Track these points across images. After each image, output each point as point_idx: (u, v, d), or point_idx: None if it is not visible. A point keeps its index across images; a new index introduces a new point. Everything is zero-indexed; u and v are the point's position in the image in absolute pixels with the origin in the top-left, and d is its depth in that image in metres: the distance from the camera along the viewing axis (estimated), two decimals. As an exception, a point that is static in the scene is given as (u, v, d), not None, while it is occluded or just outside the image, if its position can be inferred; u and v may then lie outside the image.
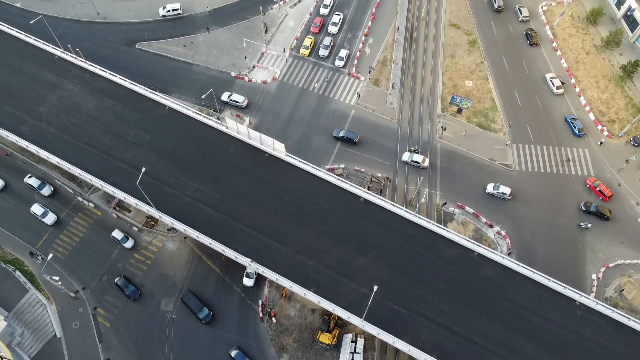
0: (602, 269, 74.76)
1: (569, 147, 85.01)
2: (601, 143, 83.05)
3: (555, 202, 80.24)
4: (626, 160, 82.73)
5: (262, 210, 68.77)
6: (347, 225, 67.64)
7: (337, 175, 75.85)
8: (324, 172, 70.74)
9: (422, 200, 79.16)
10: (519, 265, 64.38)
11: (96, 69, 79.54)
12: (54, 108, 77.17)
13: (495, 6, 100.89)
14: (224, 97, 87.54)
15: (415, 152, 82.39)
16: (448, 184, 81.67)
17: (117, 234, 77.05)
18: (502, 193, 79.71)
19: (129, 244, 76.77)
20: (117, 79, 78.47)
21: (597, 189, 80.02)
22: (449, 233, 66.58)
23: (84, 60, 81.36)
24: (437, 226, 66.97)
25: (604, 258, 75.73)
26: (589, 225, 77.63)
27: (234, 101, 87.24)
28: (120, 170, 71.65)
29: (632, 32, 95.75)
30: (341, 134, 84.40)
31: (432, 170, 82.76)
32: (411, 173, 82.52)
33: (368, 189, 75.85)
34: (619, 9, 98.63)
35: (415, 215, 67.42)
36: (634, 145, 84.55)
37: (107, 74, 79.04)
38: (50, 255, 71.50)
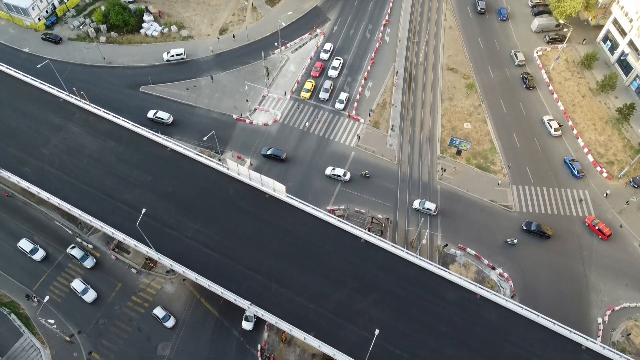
0: (608, 312, 73.42)
1: (569, 188, 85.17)
2: (607, 195, 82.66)
3: (557, 243, 79.66)
4: (627, 202, 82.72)
5: (262, 252, 68.27)
6: (348, 266, 66.99)
7: (338, 216, 75.73)
8: (325, 214, 70.64)
9: (424, 241, 78.70)
10: (522, 308, 63.32)
11: (100, 111, 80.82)
12: (56, 150, 77.92)
13: (479, 8, 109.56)
14: (150, 114, 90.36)
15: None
16: (449, 225, 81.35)
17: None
18: (428, 209, 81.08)
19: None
20: (120, 121, 79.62)
21: (597, 228, 79.84)
22: (451, 275, 65.84)
23: (88, 102, 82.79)
24: (438, 268, 66.29)
25: (608, 301, 74.53)
26: (515, 241, 78.46)
27: (159, 118, 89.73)
28: (120, 211, 71.61)
29: (626, 75, 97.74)
30: (269, 152, 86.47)
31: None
32: (412, 214, 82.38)
33: (369, 230, 75.52)
34: (612, 53, 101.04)
35: (417, 257, 66.85)
36: (633, 186, 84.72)
37: (110, 116, 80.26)
38: (47, 297, 70.43)
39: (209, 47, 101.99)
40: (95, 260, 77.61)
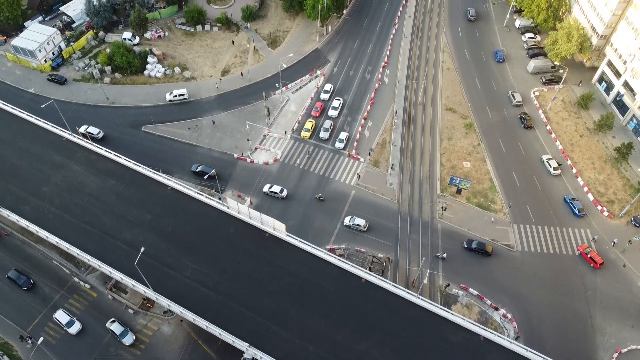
0: (615, 355, 71.65)
1: (570, 227, 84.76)
2: (614, 244, 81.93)
3: (561, 283, 78.66)
4: (629, 241, 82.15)
5: (261, 292, 67.26)
6: (349, 307, 65.84)
7: (338, 255, 74.99)
8: (325, 253, 70.02)
9: (425, 281, 77.68)
10: (527, 350, 61.79)
11: (101, 150, 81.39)
12: (57, 188, 78.02)
13: (469, 16, 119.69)
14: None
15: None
16: (451, 264, 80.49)
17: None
18: (357, 225, 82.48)
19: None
20: (122, 159, 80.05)
21: (588, 256, 79.99)
22: (454, 316, 64.61)
23: (89, 142, 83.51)
24: (440, 309, 65.14)
25: (615, 343, 72.87)
26: (445, 256, 79.65)
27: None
28: (119, 250, 71.02)
29: (622, 116, 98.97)
30: (199, 169, 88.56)
31: (434, 250, 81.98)
32: (413, 253, 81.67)
33: (369, 269, 74.64)
34: (608, 94, 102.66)
35: (419, 297, 65.80)
36: (635, 225, 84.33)
37: (112, 155, 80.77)
38: (41, 339, 68.89)
39: (215, 83, 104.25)
40: (134, 337, 73.49)
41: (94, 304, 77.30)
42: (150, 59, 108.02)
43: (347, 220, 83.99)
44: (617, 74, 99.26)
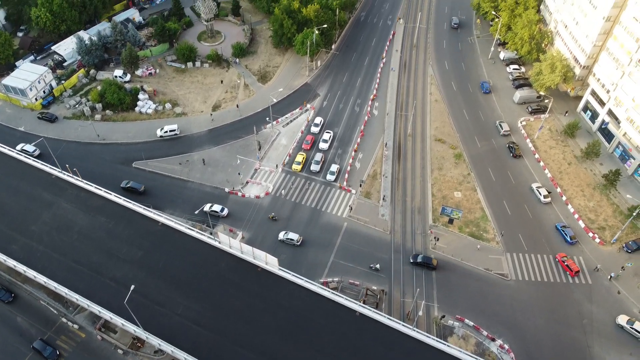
0: (615, 384, 70.62)
1: (563, 254, 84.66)
2: (611, 278, 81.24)
3: (557, 312, 77.99)
4: (622, 267, 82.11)
5: (254, 327, 66.00)
6: (343, 341, 64.67)
7: (332, 289, 74.14)
8: (318, 286, 69.22)
9: (420, 313, 76.63)
10: (526, 382, 60.74)
11: (91, 187, 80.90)
12: (46, 226, 77.08)
13: (452, 24, 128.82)
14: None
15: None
16: (445, 295, 79.77)
17: None
18: (290, 239, 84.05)
19: None
20: (112, 196, 79.54)
21: (565, 264, 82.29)
22: (450, 348, 63.61)
23: (80, 179, 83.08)
24: (437, 341, 64.15)
25: (614, 372, 71.95)
26: (378, 266, 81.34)
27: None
28: (108, 288, 69.73)
29: (608, 143, 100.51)
30: (129, 185, 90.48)
31: (428, 282, 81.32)
32: (407, 285, 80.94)
33: (364, 302, 73.70)
34: (593, 122, 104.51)
35: (414, 330, 64.86)
36: (627, 251, 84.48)
37: (102, 191, 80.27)
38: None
39: (210, 117, 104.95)
40: None
41: (82, 344, 75.24)
42: (141, 95, 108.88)
43: (281, 235, 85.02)
44: (601, 103, 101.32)
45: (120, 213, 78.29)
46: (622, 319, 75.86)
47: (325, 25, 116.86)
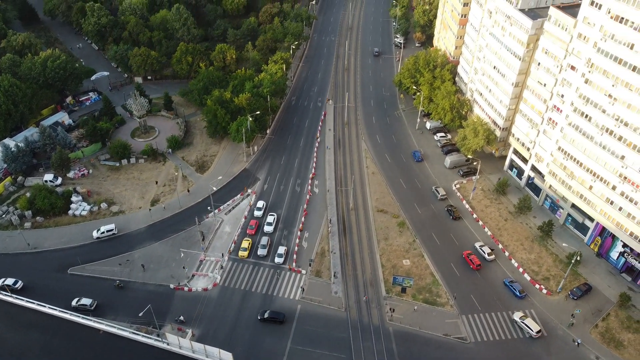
0: None
1: (515, 309, 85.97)
2: (578, 344, 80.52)
3: (519, 369, 77.80)
4: (572, 315, 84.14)
5: None
6: None
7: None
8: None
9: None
10: None
11: (22, 302, 74.95)
12: (-30, 352, 69.84)
13: (374, 53, 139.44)
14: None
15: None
16: (409, 368, 77.88)
17: None
18: (84, 305, 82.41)
19: None
20: (46, 308, 73.90)
21: (469, 258, 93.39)
22: None
23: (9, 294, 77.02)
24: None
25: None
26: (182, 318, 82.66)
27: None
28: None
29: (537, 197, 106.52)
30: (80, 303, 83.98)
31: (390, 357, 79.34)
32: (369, 362, 78.62)
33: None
34: (520, 179, 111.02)
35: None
36: (573, 298, 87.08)
37: (34, 304, 74.46)
38: None
39: (149, 212, 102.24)
40: None
41: None
42: (74, 198, 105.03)
43: (73, 302, 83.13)
44: (524, 160, 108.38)
45: (55, 325, 72.59)
46: None
47: (258, 112, 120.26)
